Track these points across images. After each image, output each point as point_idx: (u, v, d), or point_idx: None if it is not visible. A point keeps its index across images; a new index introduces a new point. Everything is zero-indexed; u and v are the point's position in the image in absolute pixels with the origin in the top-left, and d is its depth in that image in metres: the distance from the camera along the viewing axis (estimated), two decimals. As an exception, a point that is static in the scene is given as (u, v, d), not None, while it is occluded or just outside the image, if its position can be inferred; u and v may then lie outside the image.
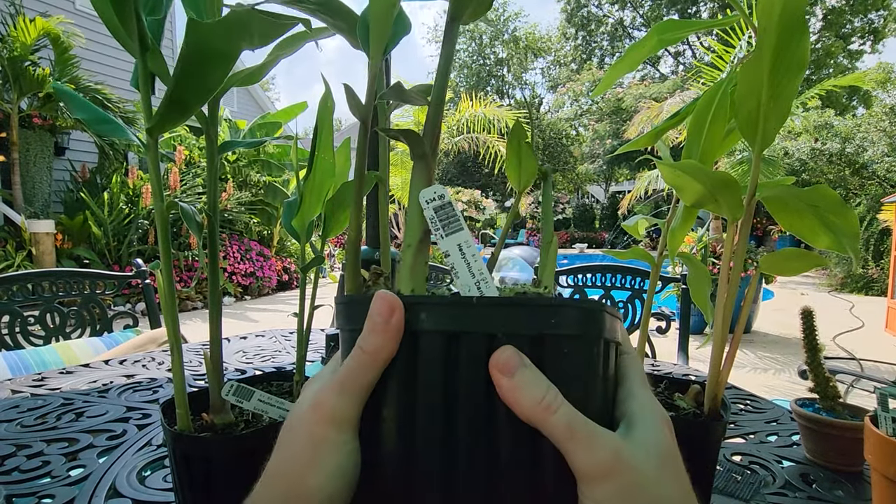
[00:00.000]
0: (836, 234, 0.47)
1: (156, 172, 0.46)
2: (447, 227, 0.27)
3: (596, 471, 0.22)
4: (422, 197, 0.28)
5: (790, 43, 0.42)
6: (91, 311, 1.49)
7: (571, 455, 0.22)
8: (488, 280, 0.26)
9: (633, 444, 0.23)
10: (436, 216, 0.28)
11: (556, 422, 0.22)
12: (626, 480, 0.22)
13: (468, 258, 0.27)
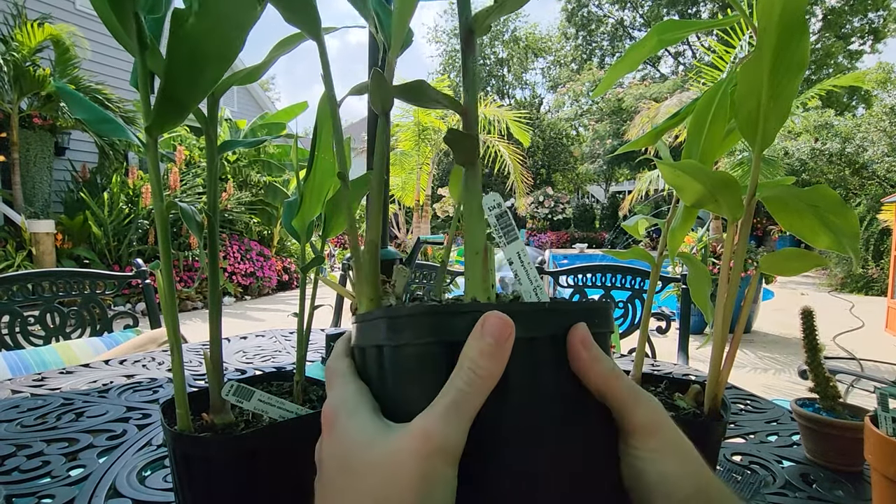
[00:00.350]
0: (836, 234, 0.47)
1: (155, 172, 0.46)
2: (507, 234, 0.29)
3: (650, 425, 0.26)
4: (485, 204, 0.29)
5: (790, 43, 0.42)
6: (91, 311, 1.49)
7: (631, 414, 0.26)
8: (541, 286, 0.29)
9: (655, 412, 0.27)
10: (498, 223, 0.29)
11: (622, 386, 0.26)
12: (670, 433, 0.26)
13: (525, 266, 0.29)
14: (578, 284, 1.76)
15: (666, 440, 0.26)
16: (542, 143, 17.14)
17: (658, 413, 0.27)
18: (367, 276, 0.33)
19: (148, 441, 0.67)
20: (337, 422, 0.26)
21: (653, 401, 0.27)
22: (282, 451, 0.44)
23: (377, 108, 0.35)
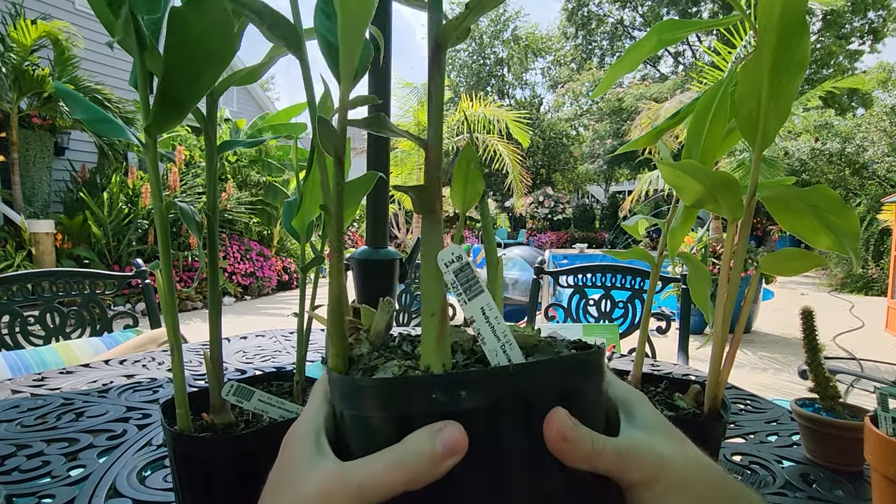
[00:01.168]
0: (837, 234, 0.47)
1: (155, 172, 0.46)
2: (469, 290, 0.26)
3: (648, 479, 0.25)
4: (440, 260, 0.26)
5: (790, 43, 0.42)
6: (91, 311, 1.49)
7: (625, 476, 0.25)
8: (512, 342, 0.26)
9: (652, 434, 0.27)
10: (456, 280, 0.26)
11: (607, 459, 0.25)
12: (672, 476, 0.25)
13: (492, 321, 0.26)
14: (578, 284, 1.76)
15: (668, 484, 0.25)
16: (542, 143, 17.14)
17: (653, 464, 0.25)
18: (332, 335, 0.31)
19: (148, 441, 0.67)
20: (287, 442, 0.28)
21: (647, 455, 0.26)
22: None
23: (330, 153, 0.32)
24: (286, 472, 0.26)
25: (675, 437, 0.28)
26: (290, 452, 0.27)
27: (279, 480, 0.26)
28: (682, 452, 0.27)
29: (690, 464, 0.26)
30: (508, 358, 0.26)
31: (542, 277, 1.83)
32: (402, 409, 0.24)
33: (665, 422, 0.29)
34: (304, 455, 0.26)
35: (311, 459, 0.25)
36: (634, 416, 0.28)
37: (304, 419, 0.29)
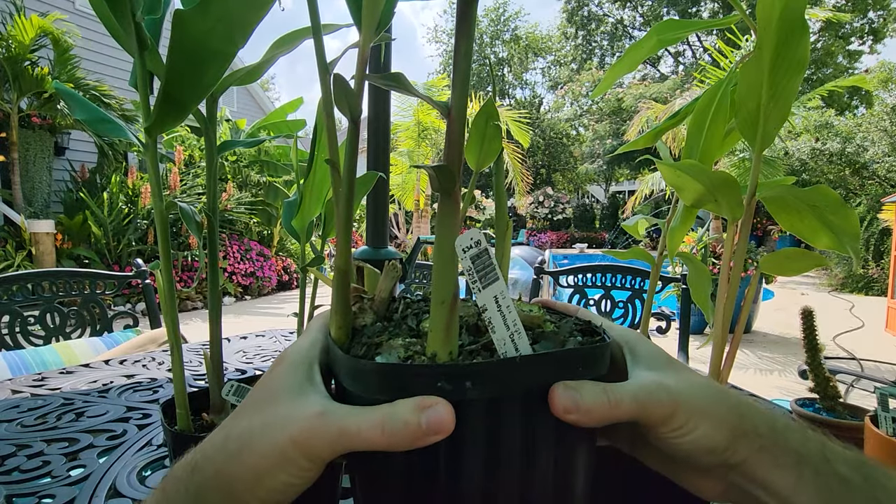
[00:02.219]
0: (837, 233, 0.47)
1: (155, 172, 0.46)
2: (484, 277, 0.25)
3: (666, 415, 0.26)
4: (458, 245, 0.25)
5: (790, 42, 0.42)
6: (91, 311, 1.49)
7: (644, 418, 0.26)
8: (521, 330, 0.26)
9: (658, 371, 0.28)
10: (473, 266, 0.25)
11: (624, 408, 0.25)
12: (687, 404, 0.26)
13: (503, 310, 0.26)
14: (578, 284, 1.76)
15: (685, 415, 0.26)
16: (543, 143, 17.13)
17: (667, 400, 0.26)
18: (335, 305, 0.31)
19: (148, 441, 0.67)
20: (280, 362, 0.29)
21: (659, 393, 0.26)
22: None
23: (346, 115, 0.31)
24: (274, 391, 0.27)
25: (680, 369, 0.29)
26: (282, 374, 0.28)
27: (264, 397, 0.27)
28: (690, 382, 0.27)
29: (701, 391, 0.27)
30: (516, 347, 0.26)
31: (542, 277, 1.83)
32: (404, 393, 0.24)
33: (667, 356, 0.30)
34: (295, 381, 0.27)
35: (301, 388, 0.26)
36: (638, 354, 0.29)
37: (301, 345, 0.30)
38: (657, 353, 0.30)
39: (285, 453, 0.24)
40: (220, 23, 0.37)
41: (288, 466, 0.24)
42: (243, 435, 0.26)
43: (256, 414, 0.26)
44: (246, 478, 0.25)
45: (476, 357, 0.26)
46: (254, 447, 0.25)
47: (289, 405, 0.26)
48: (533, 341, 0.27)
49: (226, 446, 0.26)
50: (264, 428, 0.25)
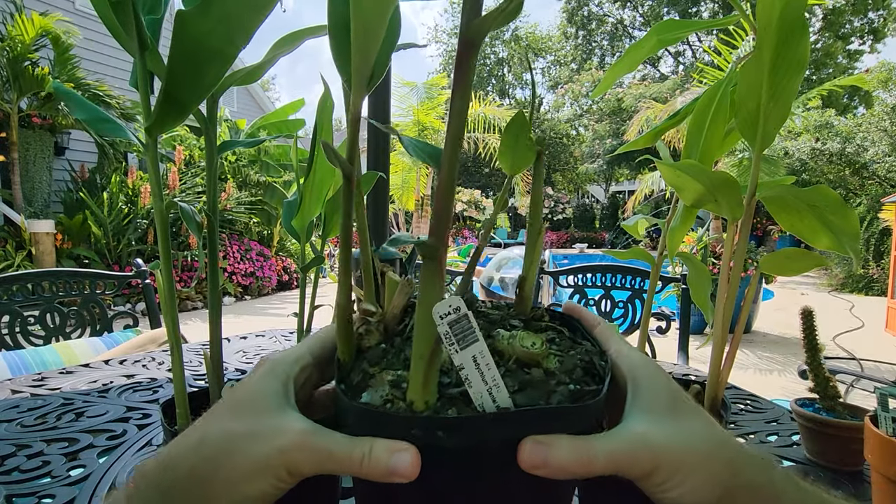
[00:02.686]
0: (837, 234, 0.47)
1: (155, 172, 0.46)
2: (462, 340, 0.26)
3: (645, 470, 0.25)
4: (436, 312, 0.25)
5: (790, 42, 0.42)
6: (91, 311, 1.49)
7: (625, 474, 0.25)
8: (500, 385, 0.26)
9: (649, 421, 0.27)
10: (450, 331, 0.25)
11: (600, 466, 0.25)
12: (671, 457, 0.25)
13: (482, 368, 0.26)
14: (578, 284, 1.76)
15: (669, 470, 0.25)
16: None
17: (646, 458, 0.25)
18: (338, 336, 0.31)
19: (148, 441, 0.67)
20: (265, 369, 0.29)
21: (638, 451, 0.25)
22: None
23: (342, 169, 0.30)
24: (255, 400, 0.27)
25: (681, 414, 0.27)
26: (263, 383, 0.28)
27: (243, 403, 0.28)
28: (684, 433, 0.26)
29: (694, 444, 0.26)
30: (494, 399, 0.26)
31: (542, 277, 1.83)
32: (382, 434, 0.26)
33: (671, 396, 0.28)
34: (276, 394, 0.28)
35: (282, 402, 0.27)
36: (640, 392, 0.28)
37: (286, 358, 0.30)
38: (661, 391, 0.28)
39: (270, 463, 0.25)
40: (221, 24, 0.37)
41: (269, 476, 0.25)
42: (223, 439, 0.26)
43: (236, 420, 0.27)
44: (222, 481, 0.25)
45: (453, 406, 0.27)
46: (235, 453, 0.25)
47: (276, 417, 0.26)
48: (519, 388, 0.27)
49: (201, 448, 0.26)
50: (251, 436, 0.26)
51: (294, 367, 0.30)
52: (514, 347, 0.30)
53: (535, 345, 0.29)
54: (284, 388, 0.28)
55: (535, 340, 0.29)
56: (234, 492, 0.25)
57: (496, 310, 0.38)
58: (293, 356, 0.31)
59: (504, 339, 0.30)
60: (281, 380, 0.28)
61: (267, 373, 0.29)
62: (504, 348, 0.30)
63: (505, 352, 0.30)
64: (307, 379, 0.31)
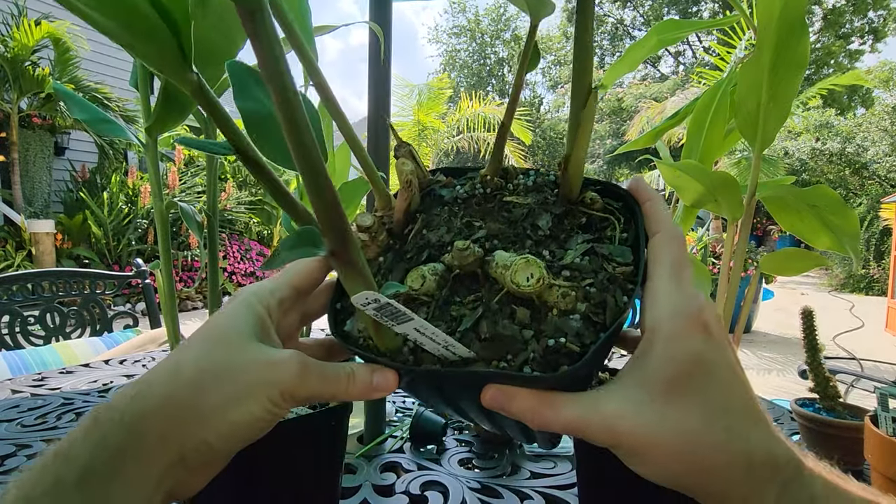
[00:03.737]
0: (837, 233, 0.47)
1: (155, 172, 0.46)
2: (395, 319, 0.25)
3: (608, 443, 0.23)
4: (355, 302, 0.24)
5: (790, 42, 0.42)
6: (91, 311, 1.49)
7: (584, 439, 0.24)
8: (455, 345, 0.25)
9: (629, 399, 0.23)
10: (378, 314, 0.25)
11: (557, 428, 0.24)
12: (632, 440, 0.23)
13: (428, 336, 0.25)
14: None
15: (629, 452, 0.23)
16: (543, 143, 17.14)
17: (606, 436, 0.23)
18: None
19: (148, 441, 0.67)
20: (238, 296, 0.29)
21: (600, 429, 0.23)
22: (281, 451, 0.44)
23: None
24: (235, 326, 0.26)
25: (676, 400, 0.22)
26: (242, 311, 0.27)
27: (223, 329, 0.26)
28: (668, 425, 0.22)
29: (666, 439, 0.22)
30: (453, 353, 0.25)
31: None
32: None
33: (678, 376, 0.23)
34: (256, 327, 0.27)
35: (264, 336, 0.27)
36: (643, 360, 0.24)
37: (264, 288, 0.29)
38: (670, 363, 0.23)
39: (260, 387, 0.24)
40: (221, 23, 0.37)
41: (260, 399, 0.24)
42: (204, 366, 0.24)
43: (215, 347, 0.25)
44: (205, 406, 0.23)
45: (413, 353, 0.27)
46: (222, 378, 0.24)
47: (258, 345, 0.26)
48: (488, 337, 0.25)
49: (179, 375, 0.24)
50: (236, 361, 0.24)
51: (270, 298, 0.29)
52: (505, 280, 0.26)
53: (530, 279, 0.25)
54: (260, 318, 0.27)
55: (531, 273, 0.25)
56: (219, 419, 0.23)
57: (530, 194, 0.32)
58: (269, 287, 0.29)
59: (498, 266, 0.27)
60: (255, 310, 0.27)
61: (241, 303, 0.28)
62: (497, 276, 0.27)
63: (498, 280, 0.27)
64: (288, 311, 0.30)
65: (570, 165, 0.30)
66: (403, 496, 0.54)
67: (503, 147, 0.33)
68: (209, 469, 0.25)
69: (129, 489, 0.22)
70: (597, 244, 0.28)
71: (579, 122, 0.29)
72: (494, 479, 0.57)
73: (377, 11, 0.60)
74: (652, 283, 0.25)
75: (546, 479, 0.58)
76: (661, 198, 0.29)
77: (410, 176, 0.32)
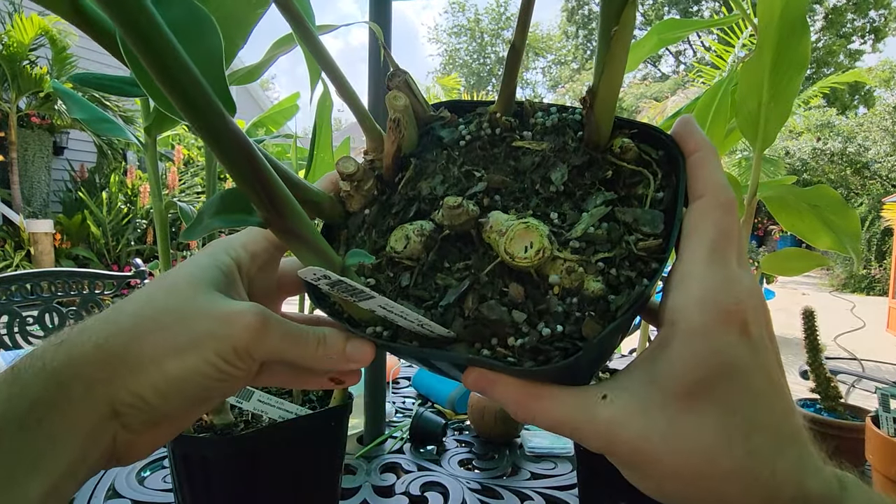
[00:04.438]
0: (838, 233, 0.47)
1: (154, 172, 0.46)
2: (355, 296, 0.22)
3: (599, 448, 0.21)
4: (303, 276, 0.21)
5: (791, 41, 0.42)
6: (90, 312, 1.49)
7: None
8: (430, 324, 0.22)
9: (630, 404, 0.19)
10: (333, 291, 0.22)
11: (541, 424, 0.22)
12: (631, 449, 0.19)
13: (397, 314, 0.22)
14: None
15: (622, 460, 0.21)
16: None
17: (601, 443, 0.20)
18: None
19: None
20: (204, 249, 0.26)
21: (592, 434, 0.20)
22: (281, 451, 0.44)
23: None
24: (193, 274, 0.23)
25: (690, 408, 0.19)
26: (203, 259, 0.24)
27: (179, 276, 0.23)
28: (673, 436, 0.19)
29: (663, 454, 0.19)
30: (431, 331, 0.22)
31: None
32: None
33: (693, 382, 0.19)
34: (217, 275, 0.24)
35: (225, 285, 0.24)
36: (658, 356, 0.20)
37: (234, 240, 0.27)
38: (687, 363, 0.19)
39: (206, 339, 0.21)
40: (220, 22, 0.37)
41: (204, 351, 0.21)
42: (152, 312, 0.22)
43: (168, 294, 0.22)
44: (138, 356, 0.20)
45: (387, 328, 0.25)
46: (167, 326, 0.21)
47: (220, 297, 0.23)
48: (472, 317, 0.22)
49: (116, 322, 0.21)
50: (192, 312, 0.21)
51: (240, 250, 0.26)
52: (499, 248, 0.22)
53: (528, 250, 0.21)
54: (225, 270, 0.24)
55: (530, 242, 0.21)
56: (154, 370, 0.20)
57: (547, 137, 0.27)
58: (241, 238, 0.27)
59: (492, 231, 0.22)
60: (220, 260, 0.25)
61: (205, 252, 0.25)
62: (492, 242, 0.23)
63: (493, 247, 0.23)
64: (264, 266, 0.27)
65: (598, 101, 0.24)
66: (403, 497, 0.54)
67: (515, 76, 0.27)
68: (155, 431, 0.23)
69: (52, 444, 0.19)
70: (620, 207, 0.23)
71: (610, 41, 0.21)
72: (494, 480, 0.57)
73: (377, 11, 0.60)
74: (682, 262, 0.21)
75: (546, 480, 0.58)
76: (713, 149, 0.22)
77: (399, 114, 0.27)
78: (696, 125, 0.23)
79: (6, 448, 0.18)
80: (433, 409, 0.79)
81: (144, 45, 0.16)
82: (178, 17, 0.23)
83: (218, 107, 0.18)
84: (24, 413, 0.19)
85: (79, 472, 0.20)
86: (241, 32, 0.38)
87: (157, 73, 0.17)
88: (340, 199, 0.29)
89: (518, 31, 0.26)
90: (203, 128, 0.19)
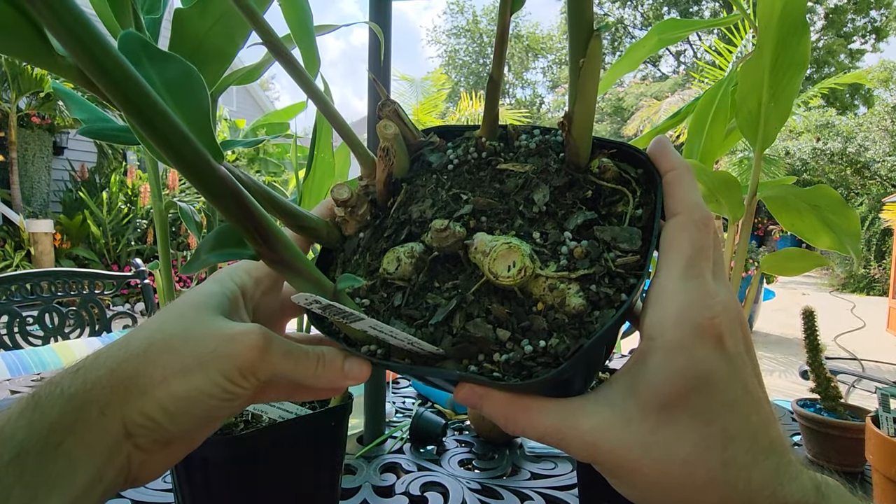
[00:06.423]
0: (838, 233, 0.47)
1: (154, 172, 0.46)
2: (346, 318, 0.23)
3: (584, 458, 0.21)
4: (297, 301, 0.22)
5: (791, 41, 0.42)
6: (90, 312, 1.49)
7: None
8: (419, 342, 0.23)
9: (622, 411, 0.20)
10: (325, 314, 0.23)
11: (530, 436, 0.22)
12: (611, 458, 0.20)
13: (387, 335, 0.23)
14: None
15: (607, 469, 0.21)
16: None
17: (586, 453, 0.21)
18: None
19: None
20: (231, 266, 0.27)
21: (578, 444, 0.21)
22: (281, 451, 0.44)
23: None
24: (197, 300, 0.25)
25: (669, 421, 0.19)
26: (208, 287, 0.26)
27: (184, 303, 0.24)
28: (654, 448, 0.19)
29: (645, 465, 0.19)
30: (421, 349, 0.23)
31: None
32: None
33: (672, 396, 0.19)
34: (223, 300, 0.25)
35: (230, 311, 0.25)
36: (637, 371, 0.20)
37: (239, 266, 0.28)
38: (666, 379, 0.19)
39: (211, 360, 0.22)
40: (220, 22, 0.37)
41: (210, 371, 0.22)
42: (153, 337, 0.23)
43: (176, 319, 0.24)
44: (147, 378, 0.22)
45: (381, 347, 0.26)
46: (174, 349, 0.22)
47: (224, 321, 0.24)
48: (458, 335, 0.23)
49: (127, 347, 0.22)
50: (198, 335, 0.23)
51: (245, 276, 0.27)
52: (483, 268, 0.23)
53: (510, 269, 0.22)
54: (230, 295, 0.26)
55: (512, 261, 0.22)
56: (162, 391, 0.21)
57: (530, 159, 0.27)
58: (245, 266, 0.28)
59: (477, 252, 0.24)
60: (226, 286, 0.26)
61: (212, 279, 0.26)
62: (477, 263, 0.24)
63: (478, 266, 0.24)
64: (268, 291, 0.28)
65: (574, 126, 0.24)
66: (403, 497, 0.54)
67: (496, 104, 0.29)
68: (167, 450, 0.24)
69: (71, 465, 0.20)
70: (599, 225, 0.24)
71: (581, 69, 0.22)
72: (494, 480, 0.57)
73: (377, 12, 0.60)
74: (659, 278, 0.21)
75: (546, 480, 0.58)
76: (688, 167, 0.23)
77: (388, 143, 0.28)
78: (670, 145, 0.24)
79: (30, 470, 0.19)
80: (433, 409, 0.79)
81: (138, 114, 0.18)
82: (174, 75, 0.26)
83: (204, 156, 0.20)
84: (44, 437, 0.20)
85: (96, 491, 0.21)
86: (241, 32, 0.38)
87: (148, 133, 0.19)
88: (336, 224, 0.30)
89: (495, 65, 0.29)
90: (191, 176, 0.20)
